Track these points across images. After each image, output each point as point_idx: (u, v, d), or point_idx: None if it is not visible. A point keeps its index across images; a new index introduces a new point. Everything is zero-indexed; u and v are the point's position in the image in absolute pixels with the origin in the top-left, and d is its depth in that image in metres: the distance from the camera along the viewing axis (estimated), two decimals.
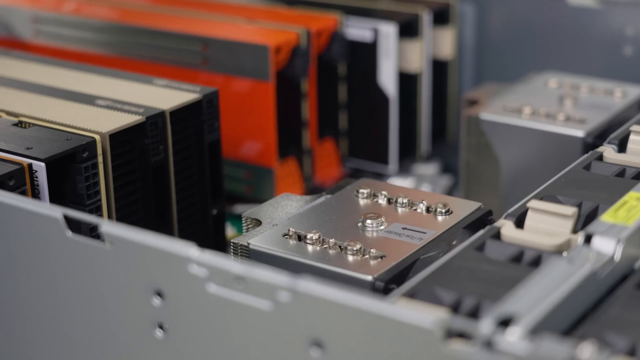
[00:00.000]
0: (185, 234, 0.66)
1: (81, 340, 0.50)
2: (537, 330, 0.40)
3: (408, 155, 0.84)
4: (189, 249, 0.45)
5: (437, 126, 0.83)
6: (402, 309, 0.40)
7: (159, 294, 0.46)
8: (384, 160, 0.82)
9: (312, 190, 0.81)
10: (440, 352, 0.39)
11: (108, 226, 0.46)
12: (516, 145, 0.71)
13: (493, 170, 0.72)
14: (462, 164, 0.74)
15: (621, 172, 0.56)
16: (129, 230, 0.46)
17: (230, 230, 0.76)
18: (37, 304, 0.51)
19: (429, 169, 0.86)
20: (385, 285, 0.51)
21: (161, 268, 0.45)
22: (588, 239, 0.47)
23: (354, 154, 0.84)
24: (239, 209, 0.80)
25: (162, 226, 0.64)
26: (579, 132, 0.69)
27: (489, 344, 0.39)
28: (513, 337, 0.39)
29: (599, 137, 0.69)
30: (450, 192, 0.86)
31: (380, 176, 0.84)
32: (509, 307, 0.41)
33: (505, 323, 0.40)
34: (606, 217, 0.49)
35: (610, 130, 0.70)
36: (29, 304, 0.51)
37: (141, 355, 0.48)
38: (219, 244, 0.68)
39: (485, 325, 0.39)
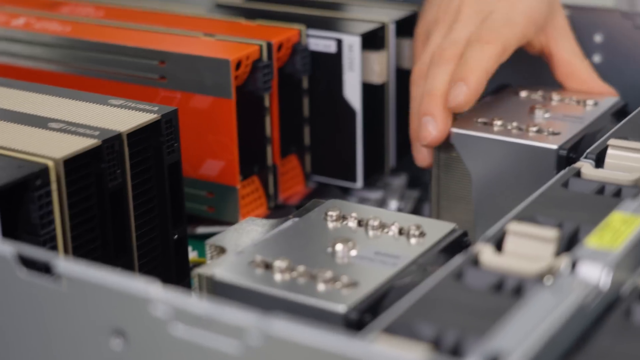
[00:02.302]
0: (146, 261, 0.63)
1: None
2: None
3: (375, 170, 0.82)
4: (150, 288, 0.42)
5: (404, 138, 0.80)
6: (380, 351, 0.37)
7: (121, 336, 0.43)
8: (351, 177, 0.80)
9: (277, 208, 0.78)
10: None
11: (64, 265, 0.43)
12: (488, 159, 0.69)
13: (464, 185, 0.70)
14: (432, 180, 0.72)
15: (600, 189, 0.54)
16: (87, 268, 0.43)
17: (191, 254, 0.73)
18: None
19: (396, 183, 0.83)
20: (360, 316, 0.48)
21: (122, 309, 0.42)
22: (573, 265, 0.45)
23: (319, 170, 0.81)
24: (200, 230, 0.77)
25: (121, 254, 0.61)
26: (553, 145, 0.66)
27: None
28: None
29: (573, 149, 0.67)
30: (419, 205, 0.84)
31: (347, 190, 0.82)
32: (495, 344, 0.39)
33: None
34: (591, 241, 0.46)
35: (584, 142, 0.68)
36: None
37: None
38: (181, 269, 0.65)
39: None
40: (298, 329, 0.38)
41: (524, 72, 0.82)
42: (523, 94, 0.75)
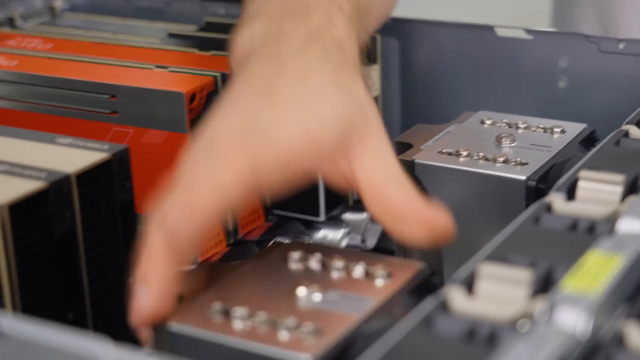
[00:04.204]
0: (99, 307, 0.60)
1: None
2: None
3: (337, 203, 0.79)
4: (98, 348, 0.39)
5: None
6: None
7: None
8: (313, 210, 0.77)
9: (237, 244, 0.75)
10: None
11: (9, 324, 0.40)
12: (454, 190, 0.66)
13: None
14: None
15: (573, 225, 0.52)
16: (32, 327, 0.40)
17: None
18: None
19: (359, 216, 0.81)
20: None
21: None
22: (550, 310, 0.42)
23: (280, 204, 0.78)
24: None
25: (72, 302, 0.58)
26: (521, 176, 0.64)
27: None
28: None
29: (542, 179, 0.65)
30: (383, 238, 0.81)
31: (310, 224, 0.79)
32: None
33: None
34: (567, 283, 0.44)
35: (553, 172, 0.66)
36: None
37: None
38: None
39: None
40: None
41: (487, 96, 0.81)
42: (487, 122, 0.72)
